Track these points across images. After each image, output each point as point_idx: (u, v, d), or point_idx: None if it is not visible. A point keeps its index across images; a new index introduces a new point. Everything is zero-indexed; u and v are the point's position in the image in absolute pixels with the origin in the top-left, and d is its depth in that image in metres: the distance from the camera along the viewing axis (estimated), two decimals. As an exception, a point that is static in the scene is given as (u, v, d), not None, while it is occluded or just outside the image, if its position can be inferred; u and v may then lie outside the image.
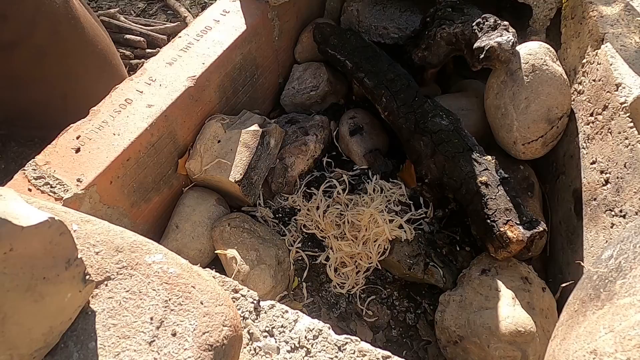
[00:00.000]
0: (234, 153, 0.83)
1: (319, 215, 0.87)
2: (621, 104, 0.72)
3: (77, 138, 0.70)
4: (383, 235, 0.83)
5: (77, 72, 0.99)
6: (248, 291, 0.56)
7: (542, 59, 0.83)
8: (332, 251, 0.85)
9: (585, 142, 0.82)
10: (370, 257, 0.83)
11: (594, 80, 0.81)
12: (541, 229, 0.73)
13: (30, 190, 0.65)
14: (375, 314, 0.82)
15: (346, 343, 0.53)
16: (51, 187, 0.65)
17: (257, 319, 0.54)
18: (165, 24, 1.60)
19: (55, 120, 0.77)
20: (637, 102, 0.67)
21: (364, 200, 0.88)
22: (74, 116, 0.73)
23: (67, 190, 0.65)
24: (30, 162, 0.67)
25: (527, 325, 0.68)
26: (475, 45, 0.85)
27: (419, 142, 0.85)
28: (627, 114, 0.71)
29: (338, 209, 0.88)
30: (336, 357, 0.52)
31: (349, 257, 0.84)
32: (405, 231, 0.83)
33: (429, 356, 0.79)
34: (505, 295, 0.72)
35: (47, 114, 0.95)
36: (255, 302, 0.55)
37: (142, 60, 1.49)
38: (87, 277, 0.41)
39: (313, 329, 0.54)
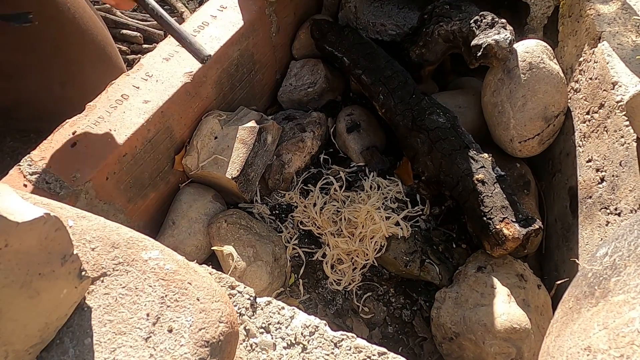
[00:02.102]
0: (231, 149, 0.83)
1: (316, 212, 0.87)
2: (617, 102, 0.73)
3: (73, 134, 0.70)
4: (380, 232, 0.83)
5: (76, 60, 0.98)
6: (244, 288, 0.56)
7: (539, 57, 0.83)
8: (329, 248, 0.85)
9: (581, 140, 0.83)
10: (367, 254, 0.83)
11: (590, 79, 0.82)
12: (537, 226, 0.73)
13: (25, 185, 0.64)
14: (371, 310, 0.82)
15: (342, 339, 0.53)
16: (47, 182, 0.65)
17: (253, 315, 0.54)
18: (162, 19, 1.59)
19: (54, 110, 0.76)
20: (633, 100, 0.67)
21: (360, 197, 0.88)
22: (73, 105, 0.72)
23: (63, 186, 0.65)
24: (25, 157, 0.67)
25: (522, 322, 0.69)
26: (473, 42, 0.85)
27: (415, 139, 0.85)
28: (623, 113, 0.71)
29: (335, 205, 0.88)
30: (332, 353, 0.52)
31: (346, 253, 0.84)
32: (402, 228, 0.84)
33: (424, 353, 0.79)
34: (501, 292, 0.72)
35: (46, 102, 0.94)
36: (251, 298, 0.55)
37: (139, 55, 1.48)
38: (83, 273, 0.41)
39: (309, 325, 0.54)
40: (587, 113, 0.82)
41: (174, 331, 0.42)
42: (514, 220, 0.73)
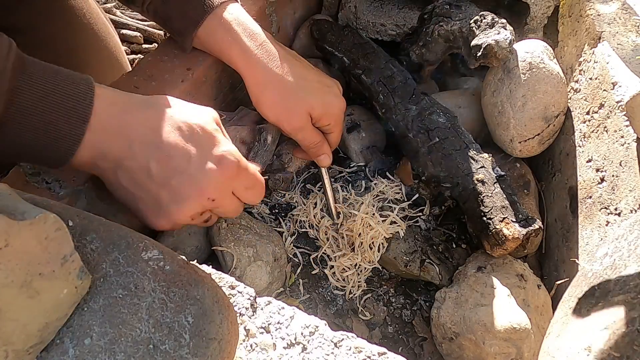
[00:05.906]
0: (231, 149, 0.83)
1: (314, 216, 0.87)
2: (617, 102, 0.73)
3: (73, 134, 0.69)
4: (380, 236, 0.82)
5: (89, 64, 0.99)
6: (244, 288, 0.56)
7: (539, 57, 0.83)
8: (331, 259, 0.84)
9: (581, 140, 0.83)
10: (371, 260, 0.83)
11: (590, 79, 0.82)
12: (537, 226, 0.73)
13: (25, 185, 0.64)
14: (371, 311, 0.82)
15: (342, 339, 0.53)
16: (47, 182, 0.65)
17: (253, 315, 0.54)
18: (162, 19, 1.59)
19: None
20: (633, 100, 0.67)
21: (357, 202, 0.87)
22: None
23: (63, 186, 0.65)
24: (25, 157, 0.66)
25: (522, 322, 0.69)
26: (473, 43, 0.85)
27: (415, 139, 0.85)
28: (623, 113, 0.71)
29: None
30: (332, 353, 0.52)
31: (351, 264, 0.83)
32: (399, 225, 0.83)
33: (424, 353, 0.79)
34: (501, 292, 0.72)
35: None
36: (251, 298, 0.55)
37: (139, 55, 1.48)
38: (83, 273, 0.41)
39: (309, 325, 0.54)
40: (587, 113, 0.82)
41: (174, 331, 0.42)
42: (514, 220, 0.73)
